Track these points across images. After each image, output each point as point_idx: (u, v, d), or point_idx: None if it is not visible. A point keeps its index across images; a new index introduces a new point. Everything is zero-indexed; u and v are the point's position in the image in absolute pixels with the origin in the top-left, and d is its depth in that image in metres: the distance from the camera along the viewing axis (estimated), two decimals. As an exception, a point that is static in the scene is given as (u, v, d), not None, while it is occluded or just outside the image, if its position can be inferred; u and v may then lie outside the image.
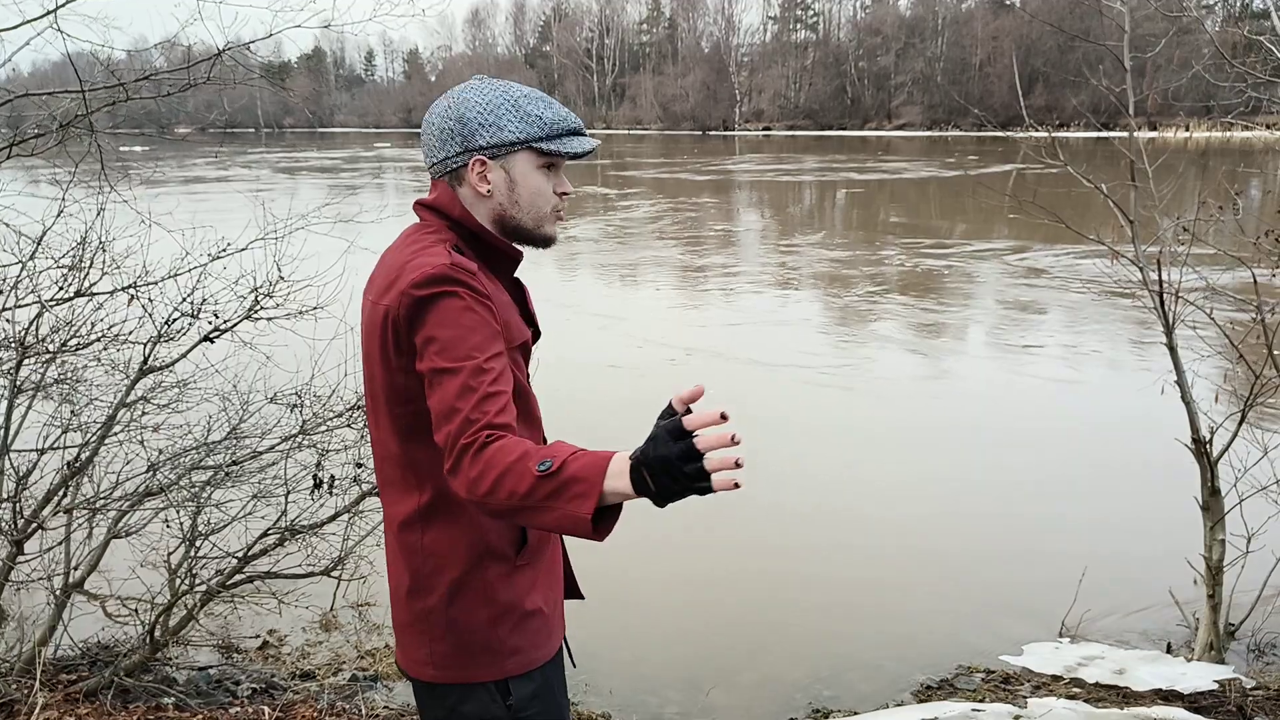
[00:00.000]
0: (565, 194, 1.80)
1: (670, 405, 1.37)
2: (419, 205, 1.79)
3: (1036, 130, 5.81)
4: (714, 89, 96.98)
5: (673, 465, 1.27)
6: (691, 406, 1.36)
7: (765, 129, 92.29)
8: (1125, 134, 5.05)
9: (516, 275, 1.87)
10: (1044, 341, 11.94)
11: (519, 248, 1.82)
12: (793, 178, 40.24)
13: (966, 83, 78.77)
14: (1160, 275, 4.47)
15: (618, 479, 1.32)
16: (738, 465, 1.25)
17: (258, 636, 5.26)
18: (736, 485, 1.25)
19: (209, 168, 43.56)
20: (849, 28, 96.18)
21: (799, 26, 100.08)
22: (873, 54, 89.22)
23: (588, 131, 1.80)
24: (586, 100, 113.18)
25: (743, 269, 17.82)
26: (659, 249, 20.27)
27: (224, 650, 5.11)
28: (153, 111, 6.57)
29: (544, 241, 1.82)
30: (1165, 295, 4.48)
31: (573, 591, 2.04)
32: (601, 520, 1.36)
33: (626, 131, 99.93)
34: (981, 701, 4.29)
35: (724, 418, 1.27)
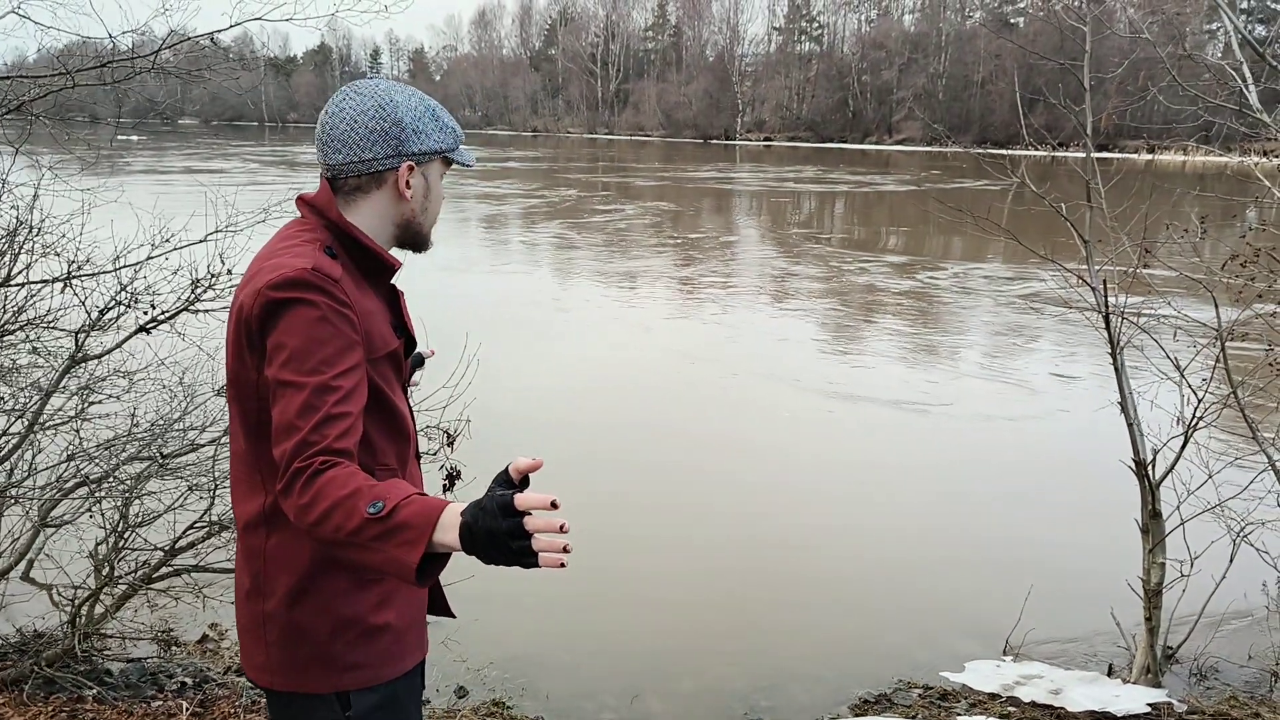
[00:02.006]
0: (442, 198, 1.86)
1: (507, 471, 1.36)
2: (300, 201, 1.75)
3: (1036, 149, 5.80)
4: (717, 98, 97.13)
5: (499, 539, 1.26)
6: (530, 476, 1.38)
7: (766, 139, 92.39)
8: (1126, 155, 5.04)
9: (393, 282, 1.82)
10: (999, 359, 11.96)
11: (399, 255, 1.80)
12: (758, 186, 40.33)
13: (968, 99, 78.92)
14: (1106, 294, 4.45)
15: (446, 532, 1.30)
16: (565, 550, 1.25)
17: (200, 630, 5.22)
18: (562, 565, 1.25)
19: (195, 159, 43.56)
20: (853, 41, 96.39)
21: (803, 38, 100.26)
22: (876, 68, 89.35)
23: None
24: (590, 105, 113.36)
25: (692, 275, 17.83)
26: (641, 255, 20.27)
27: (164, 643, 5.07)
28: (156, 102, 6.56)
29: (427, 245, 1.84)
30: (1111, 315, 4.46)
31: (441, 609, 1.96)
32: (426, 567, 1.34)
33: (629, 137, 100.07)
34: (914, 718, 4.26)
35: (554, 505, 1.26)
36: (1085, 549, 6.30)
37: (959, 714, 4.32)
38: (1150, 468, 4.45)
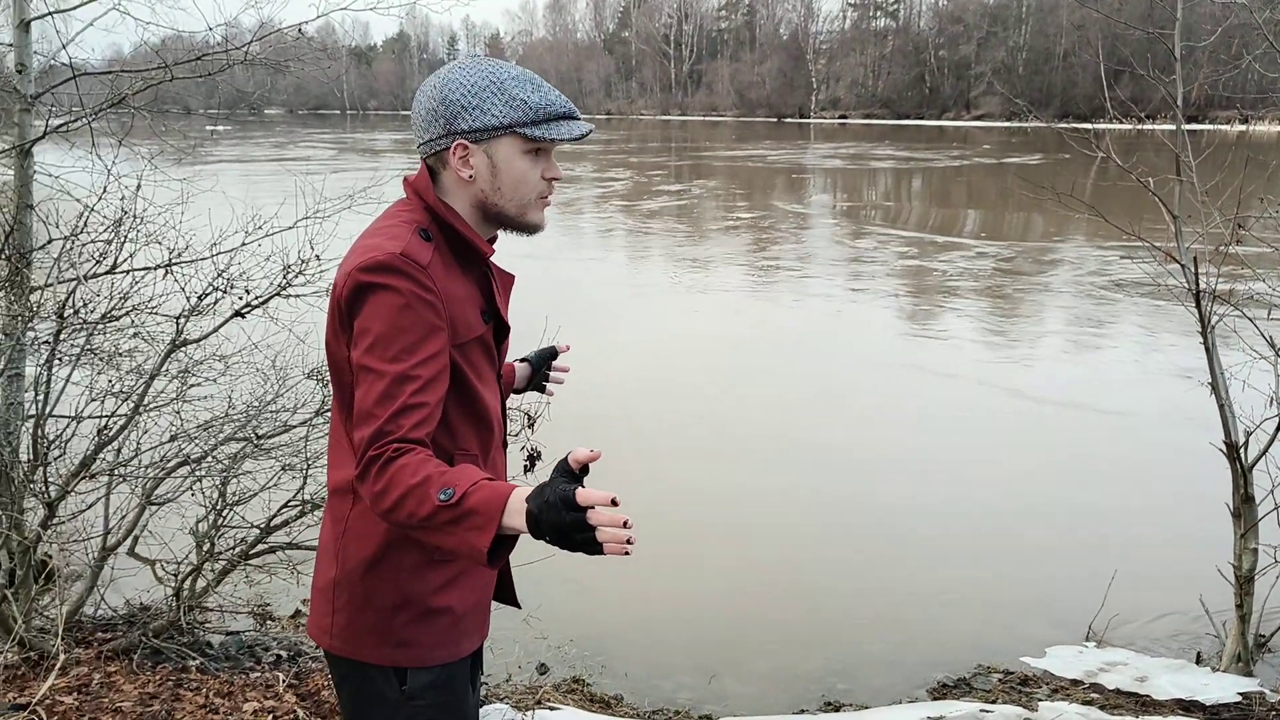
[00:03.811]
0: (554, 179, 1.74)
1: (567, 461, 1.37)
2: (405, 182, 1.76)
3: (1121, 122, 5.65)
4: (791, 76, 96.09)
5: (565, 532, 1.29)
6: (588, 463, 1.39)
7: (841, 117, 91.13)
8: (1218, 127, 4.90)
9: (499, 266, 1.83)
10: (1082, 338, 11.69)
11: (495, 239, 1.79)
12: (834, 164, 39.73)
13: (1049, 73, 76.77)
14: (1196, 272, 4.33)
15: (514, 517, 1.34)
16: (629, 542, 1.27)
17: (293, 605, 5.42)
18: (627, 553, 1.27)
19: (282, 148, 44.55)
20: (930, 15, 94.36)
21: (879, 14, 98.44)
22: (954, 43, 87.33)
23: (581, 116, 1.74)
24: (663, 86, 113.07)
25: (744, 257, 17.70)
26: (723, 239, 20.20)
27: (259, 617, 5.27)
28: (246, 93, 6.79)
29: (529, 229, 1.77)
30: (1202, 293, 4.34)
31: (509, 597, 1.98)
32: (497, 550, 1.38)
33: (702, 118, 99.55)
34: (994, 703, 4.24)
35: (615, 503, 1.28)
36: (1172, 534, 6.16)
37: (1040, 699, 4.28)
38: (1242, 451, 4.34)
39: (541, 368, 2.31)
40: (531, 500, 1.33)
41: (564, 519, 1.28)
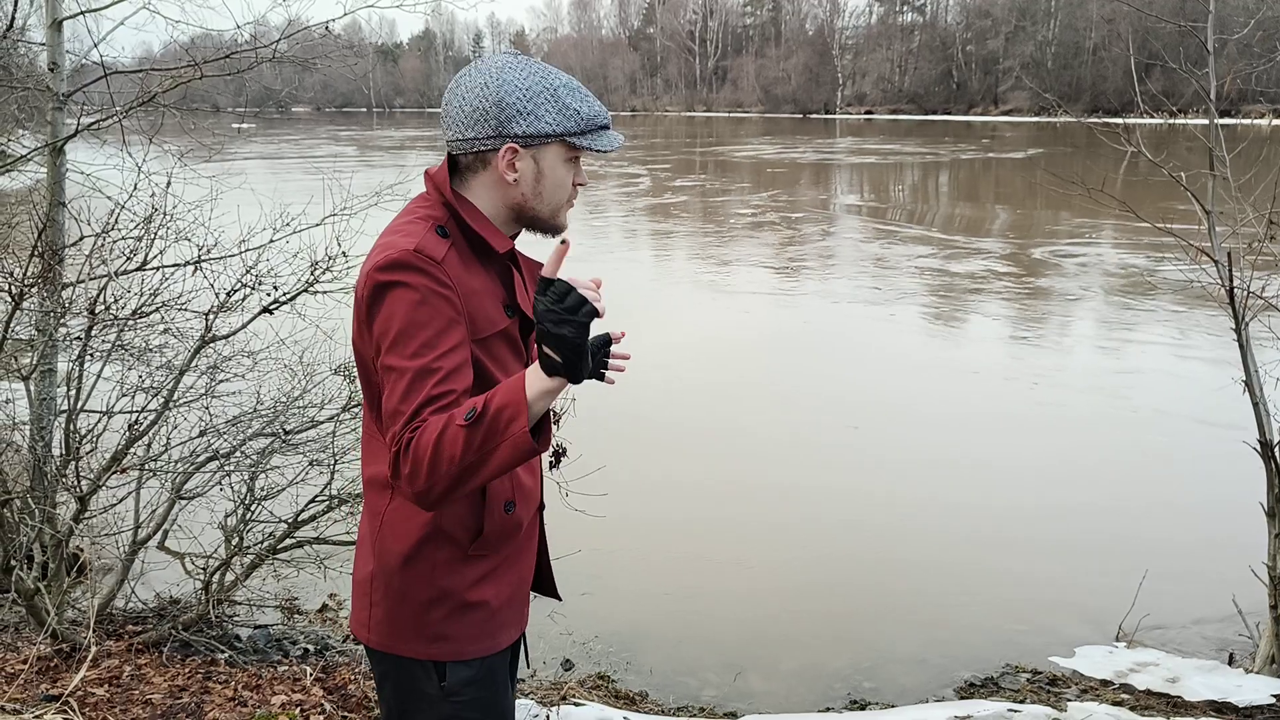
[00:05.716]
0: (581, 185, 1.77)
1: (542, 279, 1.43)
2: (426, 175, 1.76)
3: (1152, 116, 5.59)
4: (816, 72, 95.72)
5: (564, 318, 1.38)
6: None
7: (867, 113, 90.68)
8: (1251, 121, 4.83)
9: (525, 255, 1.84)
10: (1110, 335, 11.57)
11: (516, 235, 1.80)
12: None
13: (1079, 67, 75.99)
14: (1231, 268, 4.27)
15: (535, 383, 1.41)
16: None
17: (320, 599, 5.46)
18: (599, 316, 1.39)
19: (308, 145, 44.84)
20: (957, 10, 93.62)
21: (906, 9, 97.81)
22: (981, 37, 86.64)
23: (615, 128, 1.78)
24: (688, 83, 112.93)
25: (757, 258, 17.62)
26: (751, 237, 20.15)
27: (287, 611, 5.31)
28: (274, 90, 6.86)
29: (556, 230, 1.79)
30: (1237, 289, 4.28)
31: (548, 589, 1.99)
32: (538, 433, 1.45)
33: (727, 114, 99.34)
34: (1022, 702, 4.20)
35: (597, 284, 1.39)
36: (1204, 533, 6.09)
37: (1069, 699, 4.24)
38: (1277, 449, 4.27)
39: (597, 354, 2.31)
40: (537, 347, 1.42)
41: (558, 307, 1.38)
